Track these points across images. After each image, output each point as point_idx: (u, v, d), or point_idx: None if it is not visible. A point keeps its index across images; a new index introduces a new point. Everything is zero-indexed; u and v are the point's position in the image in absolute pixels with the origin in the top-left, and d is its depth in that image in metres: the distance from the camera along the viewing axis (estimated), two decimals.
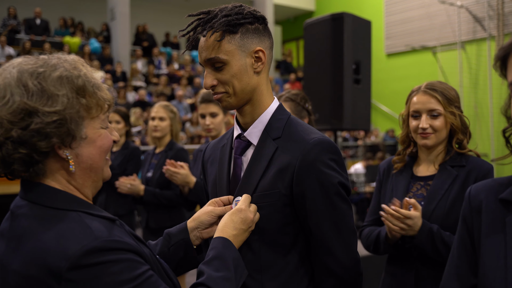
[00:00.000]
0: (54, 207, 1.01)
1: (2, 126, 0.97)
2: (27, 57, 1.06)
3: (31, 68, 1.01)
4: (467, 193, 1.26)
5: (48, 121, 0.98)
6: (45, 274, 0.92)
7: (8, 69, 1.02)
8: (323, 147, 1.31)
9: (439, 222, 1.85)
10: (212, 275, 1.15)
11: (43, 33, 13.01)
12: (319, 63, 4.42)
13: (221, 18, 1.31)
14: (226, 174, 1.44)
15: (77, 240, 0.94)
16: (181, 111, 11.94)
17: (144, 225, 3.65)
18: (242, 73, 1.33)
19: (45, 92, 0.99)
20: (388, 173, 2.13)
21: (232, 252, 1.23)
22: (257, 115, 1.40)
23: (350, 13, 4.35)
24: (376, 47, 13.00)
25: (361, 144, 12.52)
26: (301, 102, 2.67)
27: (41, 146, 0.99)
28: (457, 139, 1.96)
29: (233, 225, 1.28)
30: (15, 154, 0.98)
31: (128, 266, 0.97)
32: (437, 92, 1.93)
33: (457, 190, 1.87)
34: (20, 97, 0.97)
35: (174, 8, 16.51)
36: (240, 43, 1.32)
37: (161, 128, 3.59)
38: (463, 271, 1.23)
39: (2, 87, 0.98)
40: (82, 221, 0.99)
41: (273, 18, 16.33)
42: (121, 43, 13.60)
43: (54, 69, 1.02)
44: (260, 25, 1.36)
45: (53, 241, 0.95)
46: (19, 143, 0.97)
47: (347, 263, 1.33)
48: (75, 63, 1.07)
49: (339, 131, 4.73)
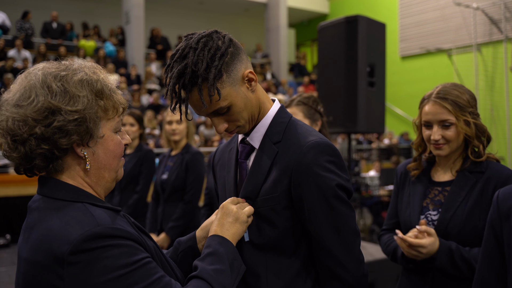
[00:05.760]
0: (62, 199, 1.08)
1: (26, 124, 1.04)
2: (51, 62, 1.14)
3: (55, 71, 1.09)
4: (495, 198, 1.22)
5: (69, 119, 1.05)
6: (51, 260, 0.99)
7: (34, 71, 1.10)
8: (320, 150, 1.31)
9: (457, 229, 1.82)
10: (205, 268, 1.19)
11: (59, 37, 13.17)
12: (333, 66, 4.39)
13: (203, 73, 1.24)
14: (233, 178, 1.45)
15: (80, 226, 1.01)
16: (195, 114, 11.97)
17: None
18: (246, 103, 1.34)
19: (67, 93, 1.07)
20: (405, 177, 2.10)
21: (226, 247, 1.26)
22: (258, 120, 1.41)
23: (365, 16, 4.32)
24: (391, 50, 12.94)
25: (375, 147, 12.43)
26: (313, 105, 2.66)
27: (62, 142, 1.06)
28: (472, 147, 1.91)
29: (218, 222, 1.33)
30: (38, 149, 1.05)
31: (126, 251, 1.03)
32: (448, 101, 1.86)
33: (476, 197, 1.83)
34: (45, 97, 1.05)
35: (188, 11, 16.61)
36: (229, 80, 1.29)
37: (179, 131, 3.63)
38: (490, 285, 1.20)
39: (28, 88, 1.06)
40: (87, 210, 1.06)
41: (287, 21, 16.32)
42: (135, 46, 13.71)
43: (75, 73, 1.10)
44: (231, 48, 1.31)
45: (57, 228, 1.01)
46: (42, 140, 1.05)
47: (350, 265, 1.32)
48: (94, 69, 1.16)
49: (353, 134, 4.70)
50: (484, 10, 12.21)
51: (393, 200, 2.16)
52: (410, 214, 1.97)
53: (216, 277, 1.17)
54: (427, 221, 1.92)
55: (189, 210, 3.58)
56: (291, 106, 2.65)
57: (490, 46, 12.32)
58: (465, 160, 1.93)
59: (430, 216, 1.92)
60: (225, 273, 1.20)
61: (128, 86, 12.24)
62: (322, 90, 4.54)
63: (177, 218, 3.54)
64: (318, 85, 4.75)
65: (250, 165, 1.41)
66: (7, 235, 7.57)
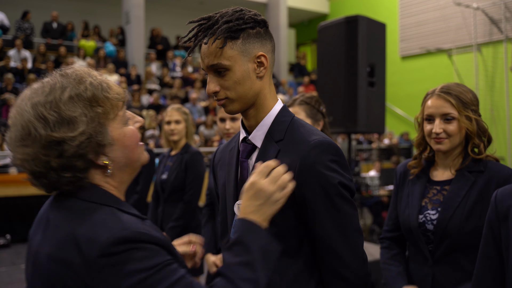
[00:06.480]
0: (89, 200, 1.08)
1: (40, 161, 1.04)
2: (33, 88, 1.10)
3: (42, 99, 1.06)
4: (493, 198, 1.21)
5: (77, 143, 1.05)
6: (75, 259, 0.99)
7: (22, 105, 1.07)
8: (323, 149, 1.30)
9: (456, 229, 1.81)
10: (229, 264, 1.15)
11: (59, 37, 13.17)
12: (333, 65, 4.40)
13: (222, 25, 1.30)
14: (234, 177, 1.44)
15: (108, 230, 1.01)
16: (195, 114, 11.98)
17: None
18: (245, 78, 1.33)
19: (63, 119, 1.05)
20: (404, 177, 2.10)
21: (254, 233, 1.19)
22: (260, 118, 1.40)
23: (365, 16, 4.32)
24: (391, 50, 12.94)
25: (375, 147, 12.43)
26: (316, 105, 2.66)
27: (80, 165, 1.07)
28: (473, 144, 1.90)
29: (246, 203, 1.24)
30: (61, 179, 1.07)
31: (150, 255, 1.02)
32: (452, 95, 1.88)
33: (475, 196, 1.82)
34: (45, 130, 1.03)
35: (188, 11, 16.59)
36: (242, 48, 1.32)
37: (178, 131, 3.63)
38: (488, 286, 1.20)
39: (25, 125, 1.05)
40: (115, 214, 1.06)
41: (287, 21, 16.32)
42: (135, 46, 13.70)
43: (61, 91, 1.07)
44: (261, 29, 1.36)
45: (86, 230, 1.01)
46: (61, 170, 1.06)
47: (354, 264, 1.31)
48: (80, 75, 1.12)
49: (353, 134, 4.70)
50: (484, 10, 12.20)
51: (392, 201, 2.15)
52: (409, 214, 1.96)
53: (240, 274, 1.13)
54: (426, 221, 1.92)
55: (189, 210, 3.59)
56: (294, 106, 2.65)
57: (490, 46, 12.31)
58: (464, 158, 1.92)
59: (429, 215, 1.92)
60: (250, 265, 1.15)
61: (128, 86, 12.23)
62: (322, 90, 4.54)
63: (177, 218, 3.55)
64: (318, 85, 4.75)
65: (251, 164, 1.41)
66: (7, 235, 7.57)
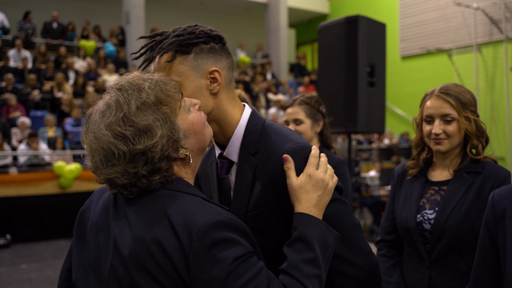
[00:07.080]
0: (178, 190, 1.13)
1: (129, 174, 1.08)
2: (99, 111, 1.11)
3: (113, 119, 1.08)
4: (490, 198, 1.21)
5: (159, 148, 1.08)
6: (172, 242, 1.03)
7: (95, 130, 1.09)
8: (299, 156, 1.27)
9: (453, 229, 1.82)
10: (293, 261, 1.15)
11: (60, 37, 13.17)
12: (333, 66, 4.40)
13: (172, 38, 1.28)
14: (218, 194, 1.42)
15: (204, 215, 1.05)
16: None
17: None
18: (197, 95, 1.28)
19: (140, 130, 1.07)
20: (402, 178, 2.10)
21: (313, 227, 1.18)
22: (229, 133, 1.36)
23: (365, 16, 4.32)
24: (391, 50, 12.95)
25: (375, 147, 12.43)
26: (316, 105, 2.67)
27: (165, 166, 1.11)
28: (471, 145, 1.91)
29: (307, 197, 1.22)
30: (151, 183, 1.10)
31: (241, 243, 1.05)
32: (451, 96, 1.87)
33: (472, 197, 1.83)
34: (127, 147, 1.07)
35: (188, 11, 16.61)
36: (193, 64, 1.28)
37: None
38: (486, 286, 1.20)
39: (106, 147, 1.07)
40: (203, 202, 1.11)
41: (288, 21, 16.33)
42: (136, 46, 13.70)
43: (128, 105, 1.09)
44: (216, 45, 1.32)
45: (182, 214, 1.06)
46: (150, 174, 1.09)
47: (358, 261, 1.27)
48: (136, 83, 1.13)
49: (353, 134, 4.70)
50: (484, 10, 12.21)
51: (389, 202, 2.14)
52: (406, 213, 1.97)
53: (305, 271, 1.12)
54: (424, 220, 1.92)
55: None
56: (294, 106, 2.65)
57: (490, 46, 12.31)
58: (463, 159, 1.93)
59: (426, 215, 1.92)
60: (313, 261, 1.14)
61: None
62: (322, 90, 4.54)
63: None
64: (318, 85, 4.75)
65: (232, 180, 1.37)
66: (7, 235, 7.58)
